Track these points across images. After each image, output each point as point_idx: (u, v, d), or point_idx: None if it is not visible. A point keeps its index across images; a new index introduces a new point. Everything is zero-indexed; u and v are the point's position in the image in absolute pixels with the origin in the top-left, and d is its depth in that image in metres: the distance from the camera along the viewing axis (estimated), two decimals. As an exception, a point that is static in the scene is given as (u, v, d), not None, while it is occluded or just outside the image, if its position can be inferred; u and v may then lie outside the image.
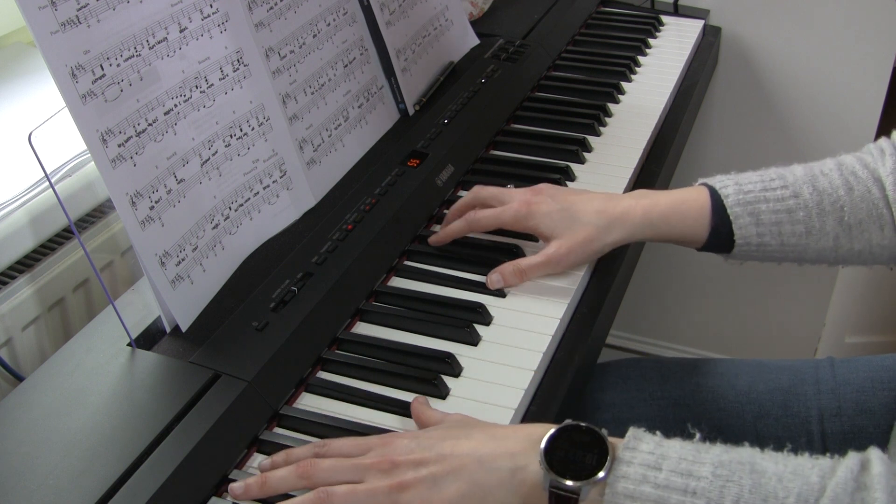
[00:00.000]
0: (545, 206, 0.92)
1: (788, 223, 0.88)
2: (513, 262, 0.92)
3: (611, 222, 0.91)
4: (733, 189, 0.90)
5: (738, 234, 0.89)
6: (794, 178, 0.90)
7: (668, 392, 1.04)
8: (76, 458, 0.69)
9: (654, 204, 0.92)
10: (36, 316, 0.96)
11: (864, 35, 1.54)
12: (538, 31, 1.41)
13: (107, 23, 0.77)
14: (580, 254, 0.92)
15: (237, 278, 0.88)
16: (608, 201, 0.93)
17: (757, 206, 0.89)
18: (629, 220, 0.91)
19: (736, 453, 0.64)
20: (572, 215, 0.92)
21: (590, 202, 0.93)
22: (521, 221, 0.93)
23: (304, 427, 0.77)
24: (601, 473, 0.64)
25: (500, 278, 0.92)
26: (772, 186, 0.89)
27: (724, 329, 1.94)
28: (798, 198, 0.88)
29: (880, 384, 0.99)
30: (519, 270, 0.92)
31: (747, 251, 0.91)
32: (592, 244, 0.91)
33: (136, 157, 0.79)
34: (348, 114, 1.07)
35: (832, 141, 1.65)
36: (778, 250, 0.90)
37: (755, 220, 0.89)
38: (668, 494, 0.62)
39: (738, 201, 0.89)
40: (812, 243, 0.89)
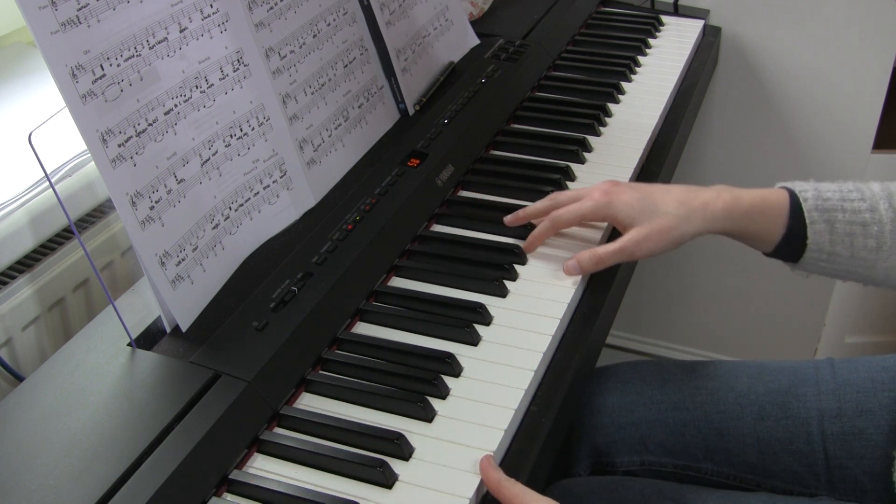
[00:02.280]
0: (625, 195, 0.93)
1: (861, 236, 0.89)
2: (590, 250, 0.93)
3: (690, 213, 0.92)
4: (812, 194, 0.91)
5: (812, 238, 0.90)
6: (871, 192, 0.91)
7: (667, 395, 1.04)
8: (76, 458, 0.69)
9: (737, 199, 0.92)
10: (36, 316, 0.96)
11: (864, 35, 1.54)
12: (538, 31, 1.41)
13: (107, 23, 0.77)
14: (658, 241, 0.91)
15: (237, 278, 0.88)
16: (688, 192, 0.94)
17: (833, 215, 0.90)
18: (710, 212, 0.92)
19: None
20: (652, 204, 0.92)
21: (669, 193, 0.94)
22: (601, 210, 0.94)
23: (304, 427, 0.77)
24: None
25: (576, 265, 0.93)
26: (850, 198, 0.90)
27: (724, 329, 1.94)
28: (874, 212, 0.89)
29: (880, 385, 0.99)
30: (596, 257, 0.92)
31: (817, 259, 0.91)
32: (671, 233, 0.91)
33: (136, 157, 0.79)
34: (348, 114, 1.07)
35: (832, 141, 1.65)
36: (847, 262, 0.91)
37: (830, 227, 0.90)
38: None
39: (816, 207, 0.90)
40: (882, 259, 0.90)
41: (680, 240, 0.92)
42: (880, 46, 1.54)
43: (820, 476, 0.97)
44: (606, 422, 1.04)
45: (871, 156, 1.63)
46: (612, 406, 1.05)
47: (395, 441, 0.74)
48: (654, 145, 1.22)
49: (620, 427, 1.04)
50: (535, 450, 0.77)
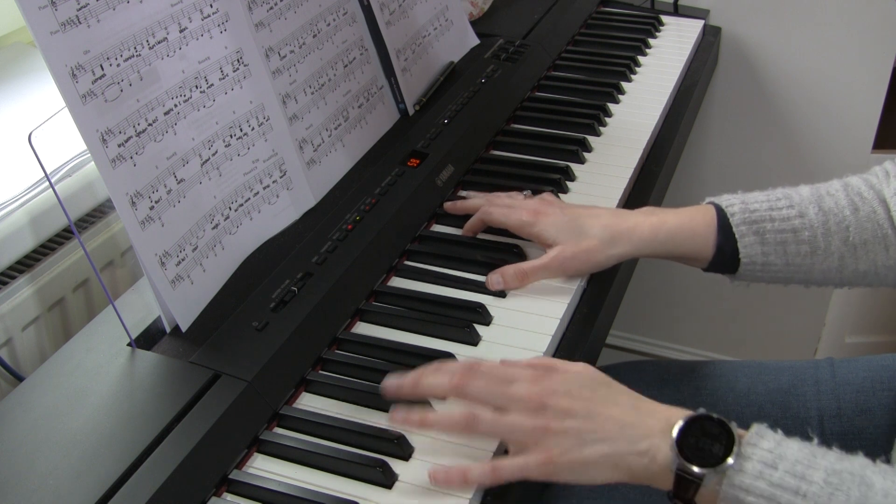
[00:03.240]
0: (552, 216, 0.93)
1: (794, 243, 0.89)
2: (514, 265, 0.93)
3: (616, 236, 0.92)
4: (739, 208, 0.91)
5: (743, 252, 0.90)
6: (800, 197, 0.90)
7: (666, 395, 1.04)
8: (76, 458, 0.69)
9: (662, 222, 0.92)
10: (36, 316, 0.96)
11: (864, 35, 1.54)
12: (538, 31, 1.41)
13: (107, 23, 0.77)
14: (583, 261, 0.92)
15: (237, 278, 0.88)
16: (616, 216, 0.94)
17: (762, 226, 0.89)
18: (636, 236, 0.92)
19: (849, 462, 0.67)
20: (579, 226, 0.92)
21: (598, 217, 0.94)
22: (525, 228, 0.94)
23: (304, 427, 0.77)
24: (727, 462, 0.67)
25: (500, 279, 0.92)
26: (777, 206, 0.90)
27: (724, 329, 1.94)
28: (804, 217, 0.89)
29: (880, 384, 0.99)
30: (520, 272, 0.92)
31: (752, 270, 0.91)
32: (596, 255, 0.92)
33: (136, 157, 0.79)
34: (348, 114, 1.07)
35: (832, 141, 1.65)
36: (783, 270, 0.90)
37: (760, 238, 0.89)
38: (780, 493, 0.65)
39: (744, 220, 0.90)
40: (817, 263, 0.89)
41: (605, 262, 0.93)
42: (880, 46, 1.54)
43: (820, 476, 0.97)
44: (606, 422, 1.04)
45: (871, 156, 1.63)
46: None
47: (395, 441, 0.74)
48: (653, 145, 1.22)
49: (620, 427, 1.03)
50: (535, 450, 0.77)
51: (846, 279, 0.91)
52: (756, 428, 0.69)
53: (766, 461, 0.67)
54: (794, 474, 0.66)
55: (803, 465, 0.66)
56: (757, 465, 0.67)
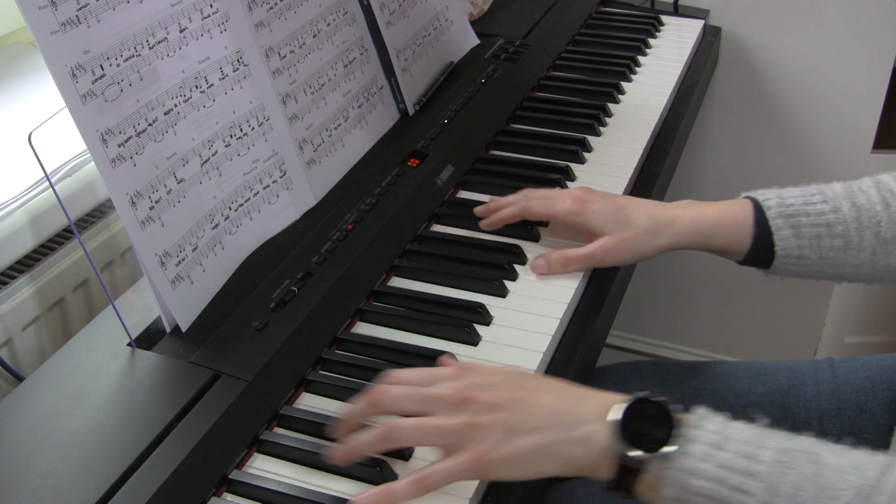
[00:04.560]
0: (598, 204, 0.94)
1: (828, 237, 0.90)
2: (560, 251, 0.94)
3: (659, 227, 0.93)
4: (776, 202, 0.92)
5: (779, 245, 0.91)
6: (833, 193, 0.91)
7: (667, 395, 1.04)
8: (76, 458, 0.69)
9: (702, 214, 0.94)
10: (36, 316, 0.96)
11: (864, 35, 1.54)
12: (538, 31, 1.41)
13: (107, 23, 0.77)
14: (626, 252, 0.93)
15: (237, 278, 0.88)
16: (657, 207, 0.95)
17: (797, 220, 0.90)
18: (677, 228, 0.93)
19: (798, 441, 0.65)
20: (625, 216, 0.93)
21: (641, 206, 0.95)
22: (571, 216, 0.95)
23: (304, 427, 0.77)
24: (669, 448, 0.65)
25: (544, 264, 0.93)
26: (812, 201, 0.91)
27: (724, 329, 1.94)
28: (837, 212, 0.90)
29: (880, 384, 0.99)
30: (565, 259, 0.93)
31: (787, 264, 0.92)
32: (640, 246, 0.93)
33: (136, 157, 0.79)
34: (348, 114, 1.07)
35: (832, 141, 1.65)
36: (816, 263, 0.91)
37: (796, 232, 0.90)
38: (729, 475, 0.63)
39: (780, 213, 0.91)
40: (850, 258, 0.90)
41: (648, 253, 0.93)
42: (880, 46, 1.54)
43: (820, 476, 0.97)
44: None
45: (870, 156, 1.63)
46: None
47: (395, 441, 0.74)
48: (653, 145, 1.22)
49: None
50: (535, 450, 0.77)
51: (878, 274, 0.92)
52: (700, 411, 0.68)
53: (713, 443, 0.65)
54: (742, 455, 0.64)
55: (752, 445, 0.64)
56: (703, 447, 0.65)
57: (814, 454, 0.64)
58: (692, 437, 0.65)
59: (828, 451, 0.64)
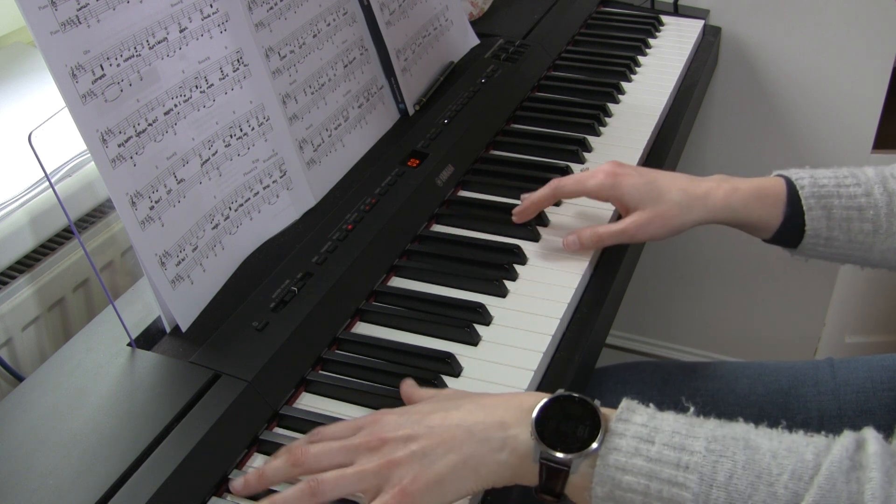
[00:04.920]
0: (631, 178, 0.94)
1: (858, 220, 0.90)
2: (591, 227, 0.94)
3: (693, 201, 0.93)
4: (809, 181, 0.92)
5: (810, 225, 0.91)
6: (865, 177, 0.91)
7: (667, 396, 1.04)
8: (76, 458, 0.69)
9: (735, 189, 0.93)
10: (36, 316, 0.96)
11: (864, 35, 1.54)
12: (538, 31, 1.41)
13: (107, 23, 0.77)
14: (660, 226, 0.93)
15: (237, 278, 0.88)
16: (690, 181, 0.95)
17: (830, 201, 0.90)
18: (711, 202, 0.93)
19: (730, 428, 0.64)
20: (658, 189, 0.93)
21: (675, 180, 0.94)
22: (606, 191, 0.94)
23: (304, 427, 0.77)
24: (593, 445, 0.63)
25: (576, 240, 0.94)
26: (845, 183, 0.91)
27: (725, 329, 1.94)
28: (869, 196, 0.90)
29: (880, 385, 0.99)
30: (596, 235, 0.93)
31: (815, 244, 0.92)
32: (673, 220, 0.92)
33: (136, 157, 0.79)
34: (348, 114, 1.07)
35: (832, 141, 1.65)
36: (844, 247, 0.91)
37: (827, 213, 0.90)
38: (660, 468, 0.62)
39: (813, 193, 0.91)
40: (878, 243, 0.90)
41: (681, 227, 0.93)
42: (880, 46, 1.54)
43: (820, 476, 0.97)
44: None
45: (871, 156, 1.63)
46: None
47: (395, 441, 0.74)
48: (654, 145, 1.22)
49: (620, 427, 1.03)
50: (535, 450, 0.77)
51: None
52: (626, 403, 0.66)
53: (642, 436, 0.63)
54: (672, 446, 0.62)
55: (682, 435, 0.63)
56: (632, 441, 0.63)
57: (746, 440, 0.62)
58: (619, 431, 0.64)
59: (761, 436, 0.63)
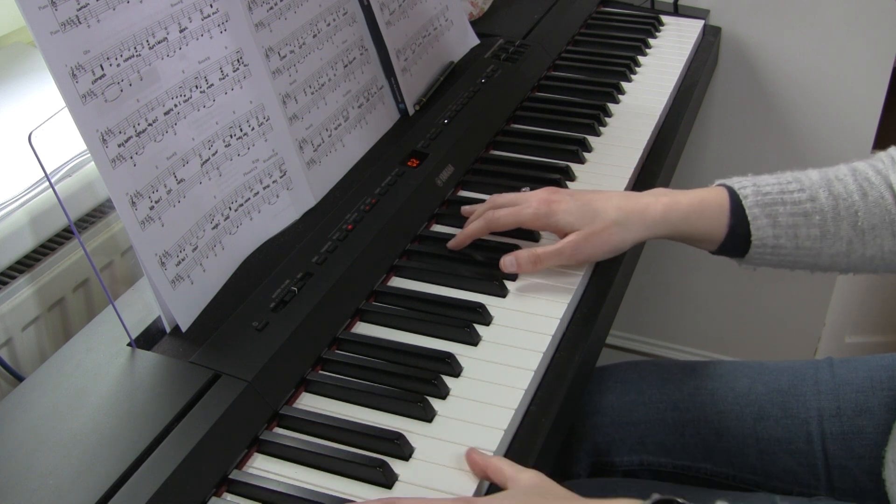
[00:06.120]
0: (565, 203, 0.92)
1: (805, 226, 0.89)
2: (528, 249, 0.92)
3: (629, 218, 0.91)
4: (752, 190, 0.90)
5: (756, 234, 0.90)
6: (810, 181, 0.90)
7: (666, 395, 1.04)
8: (76, 458, 0.69)
9: (675, 202, 0.92)
10: (36, 316, 0.96)
11: (864, 35, 1.54)
12: (538, 31, 1.41)
13: (107, 23, 0.77)
14: (598, 245, 0.91)
15: (237, 278, 0.88)
16: (627, 199, 0.93)
17: (775, 209, 0.89)
18: (649, 217, 0.91)
19: None
20: (593, 210, 0.91)
21: (609, 199, 0.93)
22: (541, 219, 0.93)
23: (304, 427, 0.77)
24: None
25: (514, 261, 0.91)
26: (789, 189, 0.90)
27: (725, 329, 1.94)
28: (814, 201, 0.89)
29: (879, 384, 0.99)
30: (534, 256, 0.91)
31: (762, 253, 0.91)
32: (611, 238, 0.91)
33: (136, 157, 0.79)
34: (348, 114, 1.07)
35: (832, 141, 1.65)
36: (792, 253, 0.90)
37: (772, 221, 0.89)
38: None
39: (757, 202, 0.90)
40: (826, 247, 0.89)
41: (620, 245, 0.92)
42: (880, 46, 1.54)
43: (819, 476, 0.98)
44: (606, 421, 1.04)
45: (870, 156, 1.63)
46: (612, 406, 1.05)
47: (395, 441, 0.74)
48: (654, 145, 1.22)
49: (620, 426, 1.04)
50: (534, 449, 0.77)
51: (853, 264, 0.91)
52: None
53: None
54: None
55: None
56: None
57: None
58: None
59: None
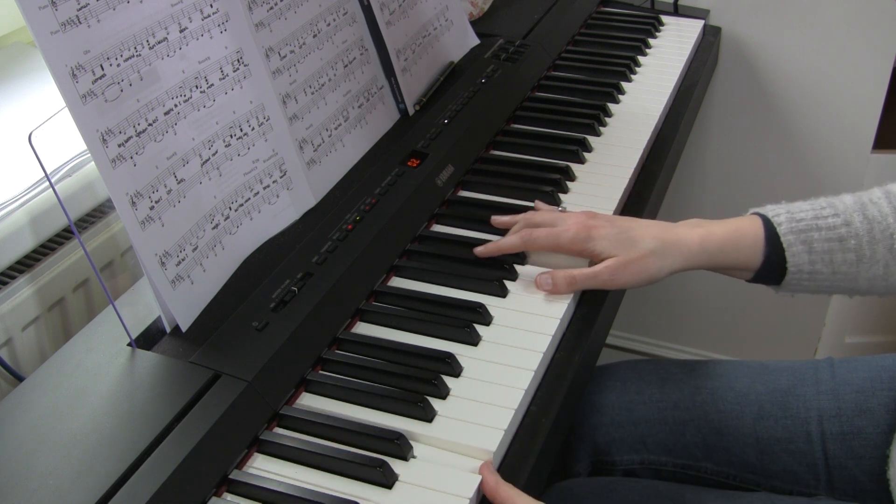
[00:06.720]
0: (604, 229, 0.92)
1: (840, 251, 0.89)
2: (566, 271, 0.91)
3: (667, 248, 0.91)
4: (785, 217, 0.90)
5: (791, 262, 0.90)
6: (843, 206, 0.90)
7: (667, 394, 1.04)
8: (76, 458, 0.69)
9: (710, 233, 0.92)
10: (36, 316, 0.96)
11: (864, 35, 1.54)
12: (538, 31, 1.41)
13: (107, 23, 0.77)
14: (634, 273, 0.90)
15: (237, 278, 0.88)
16: (664, 229, 0.93)
17: (809, 235, 0.89)
18: (685, 248, 0.91)
19: None
20: (631, 238, 0.91)
21: (647, 228, 0.92)
22: (578, 244, 0.92)
23: (304, 427, 0.77)
24: None
25: (550, 281, 0.91)
26: (823, 215, 0.90)
27: (725, 329, 1.94)
28: (849, 226, 0.89)
29: (879, 384, 0.99)
30: (571, 278, 0.90)
31: (799, 280, 0.91)
32: (649, 268, 0.90)
33: (136, 157, 0.79)
34: (348, 114, 1.07)
35: (832, 141, 1.65)
36: (829, 279, 0.90)
37: (808, 248, 0.89)
38: None
39: (791, 229, 0.90)
40: (863, 272, 0.89)
41: (657, 275, 0.91)
42: (880, 46, 1.54)
43: (819, 476, 0.98)
44: (606, 421, 1.04)
45: (871, 156, 1.63)
46: (612, 405, 1.05)
47: (395, 441, 0.74)
48: (653, 145, 1.22)
49: (620, 426, 1.04)
50: (535, 449, 0.77)
51: (891, 287, 0.91)
52: None
53: None
54: None
55: None
56: None
57: None
58: None
59: None
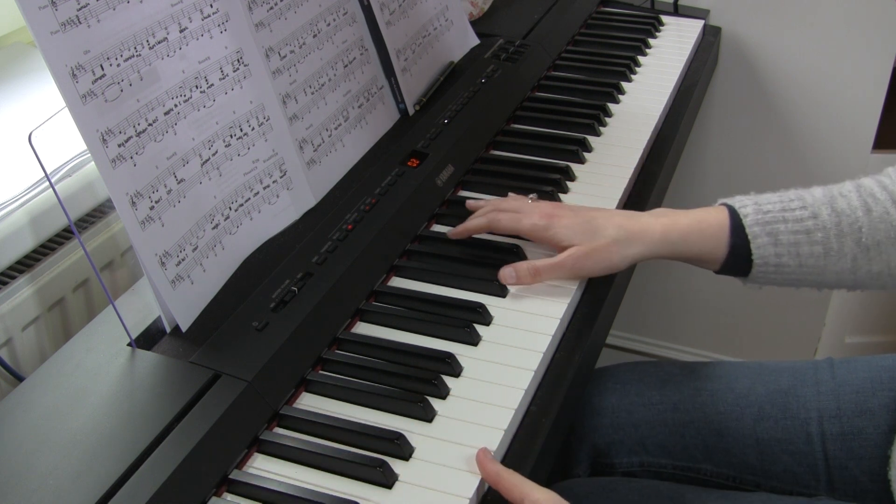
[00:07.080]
0: (565, 219, 0.92)
1: (807, 244, 0.89)
2: (528, 262, 0.92)
3: (630, 237, 0.91)
4: (752, 209, 0.90)
5: (757, 253, 0.89)
6: (812, 199, 0.90)
7: (666, 396, 1.04)
8: (76, 458, 0.69)
9: (674, 223, 0.92)
10: (36, 316, 0.96)
11: (864, 35, 1.54)
12: (538, 31, 1.41)
13: (107, 23, 0.77)
14: (599, 261, 0.91)
15: (237, 278, 0.88)
16: (628, 217, 0.93)
17: (775, 227, 0.89)
18: (648, 237, 0.91)
19: None
20: (593, 227, 0.91)
21: (611, 217, 0.93)
22: (538, 231, 0.93)
23: (304, 427, 0.77)
24: None
25: (513, 274, 0.91)
26: (790, 207, 0.90)
27: (724, 329, 1.94)
28: (817, 218, 0.89)
29: (880, 385, 0.99)
30: (534, 269, 0.91)
31: (765, 272, 0.91)
32: (612, 256, 0.91)
33: (136, 157, 0.79)
34: (348, 114, 1.07)
35: (832, 141, 1.65)
36: (796, 271, 0.90)
37: (773, 240, 0.89)
38: None
39: (757, 221, 0.89)
40: (830, 265, 0.89)
41: (620, 263, 0.92)
42: (880, 46, 1.54)
43: (819, 476, 0.97)
44: (606, 422, 1.04)
45: (871, 156, 1.63)
46: (612, 407, 1.05)
47: (395, 441, 0.74)
48: (653, 145, 1.22)
49: (620, 428, 1.04)
50: (534, 450, 0.77)
51: (859, 281, 0.91)
52: None
53: None
54: None
55: None
56: None
57: None
58: None
59: None
